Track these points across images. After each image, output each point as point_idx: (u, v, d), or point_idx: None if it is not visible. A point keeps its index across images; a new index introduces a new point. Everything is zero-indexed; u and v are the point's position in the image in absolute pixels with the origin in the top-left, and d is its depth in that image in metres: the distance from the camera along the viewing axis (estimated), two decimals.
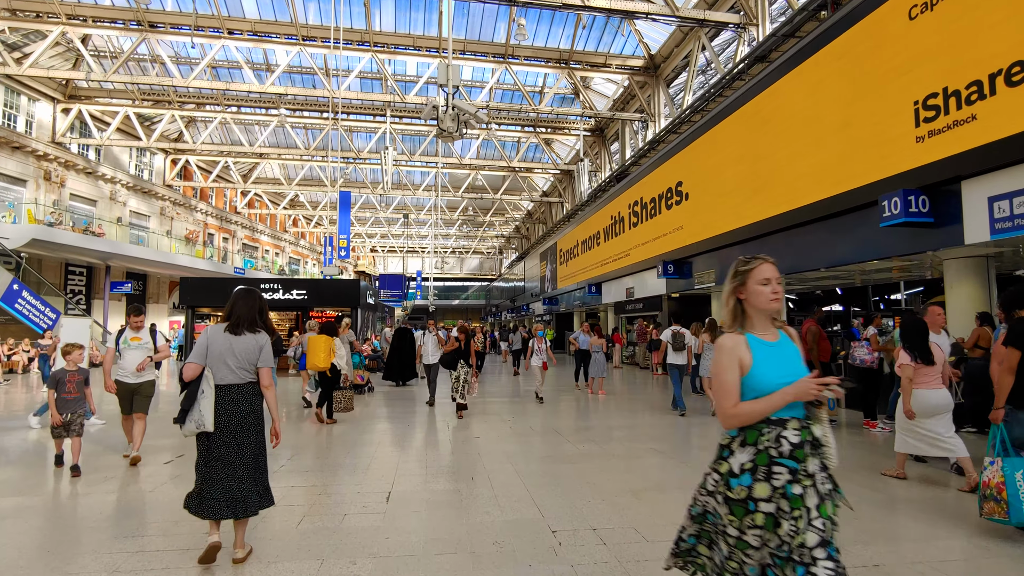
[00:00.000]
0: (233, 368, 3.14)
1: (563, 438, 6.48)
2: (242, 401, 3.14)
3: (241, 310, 3.26)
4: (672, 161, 13.50)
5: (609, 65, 20.52)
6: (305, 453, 5.73)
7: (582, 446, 6.01)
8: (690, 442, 6.47)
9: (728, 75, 14.71)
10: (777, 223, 9.27)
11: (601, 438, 6.47)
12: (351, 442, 6.26)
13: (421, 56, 19.24)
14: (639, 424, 7.45)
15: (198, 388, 3.07)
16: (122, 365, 5.40)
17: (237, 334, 3.18)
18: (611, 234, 17.76)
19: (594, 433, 6.79)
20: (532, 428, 7.14)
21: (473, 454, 5.61)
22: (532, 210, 41.46)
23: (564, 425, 7.35)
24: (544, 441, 6.33)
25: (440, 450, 5.86)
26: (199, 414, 3.04)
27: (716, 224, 11.31)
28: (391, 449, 5.93)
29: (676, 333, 8.74)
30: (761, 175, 9.71)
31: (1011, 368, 3.57)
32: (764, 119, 9.66)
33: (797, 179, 8.71)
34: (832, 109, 7.90)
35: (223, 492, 3.04)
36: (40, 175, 21.17)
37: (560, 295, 25.30)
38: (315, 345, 7.34)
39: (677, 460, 5.48)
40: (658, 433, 6.82)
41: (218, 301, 14.16)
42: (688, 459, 5.54)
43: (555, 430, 6.98)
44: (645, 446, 6.02)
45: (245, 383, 3.17)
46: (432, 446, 6.09)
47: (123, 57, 16.86)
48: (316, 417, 7.56)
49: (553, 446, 6.05)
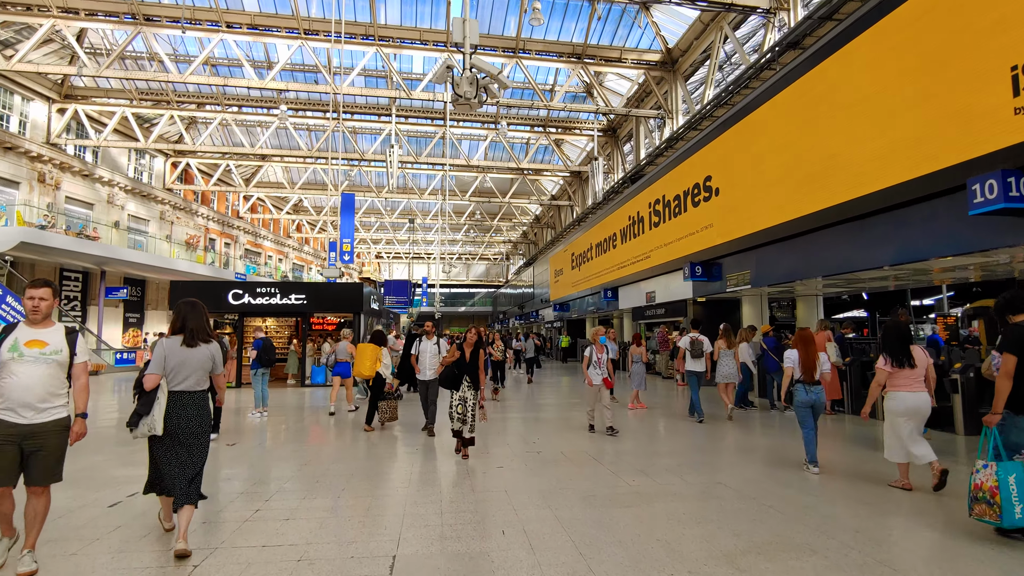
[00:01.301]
0: (189, 376, 3.48)
1: (604, 467, 5.44)
2: (196, 406, 3.50)
3: (193, 323, 3.56)
4: (699, 155, 12.51)
5: (624, 60, 19.62)
6: (290, 488, 4.72)
7: (632, 480, 4.95)
8: (765, 475, 5.19)
9: (756, 64, 13.76)
10: (829, 216, 8.24)
11: (650, 467, 5.43)
12: (348, 472, 5.26)
13: (428, 50, 18.41)
14: (686, 448, 6.39)
15: (154, 396, 3.35)
16: (4, 391, 2.98)
17: (193, 346, 3.50)
18: (629, 235, 16.75)
19: (639, 460, 5.73)
20: (563, 454, 6.09)
21: (499, 492, 4.57)
22: (540, 215, 40.56)
23: (599, 448, 6.32)
24: (583, 472, 5.24)
25: (458, 487, 4.78)
26: (152, 419, 3.30)
27: (753, 221, 10.29)
28: (398, 485, 4.90)
29: (695, 340, 8.71)
30: (809, 164, 8.71)
31: (1008, 373, 3.58)
32: (812, 102, 8.66)
33: (856, 166, 7.69)
34: (903, 83, 6.90)
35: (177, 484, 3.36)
36: (34, 177, 20.44)
37: (572, 301, 24.27)
38: (363, 353, 7.79)
39: (762, 504, 4.24)
40: (715, 460, 5.76)
41: (212, 306, 13.23)
42: (777, 503, 4.26)
43: (592, 456, 5.92)
44: (710, 479, 4.95)
45: (199, 390, 3.53)
46: (448, 480, 5.04)
47: (117, 50, 16.11)
48: (381, 423, 8.01)
49: (596, 480, 4.98)
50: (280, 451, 6.26)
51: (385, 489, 4.74)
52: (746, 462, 5.69)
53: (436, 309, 40.46)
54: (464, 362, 5.93)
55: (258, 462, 5.70)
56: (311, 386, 13.71)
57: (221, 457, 5.90)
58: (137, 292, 25.23)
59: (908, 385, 4.57)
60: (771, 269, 10.11)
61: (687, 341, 8.75)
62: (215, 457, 5.84)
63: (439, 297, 41.71)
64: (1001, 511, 3.33)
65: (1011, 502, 3.34)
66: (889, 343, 4.70)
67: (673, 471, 5.23)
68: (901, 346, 4.63)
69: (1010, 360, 3.59)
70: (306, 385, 13.83)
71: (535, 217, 41.67)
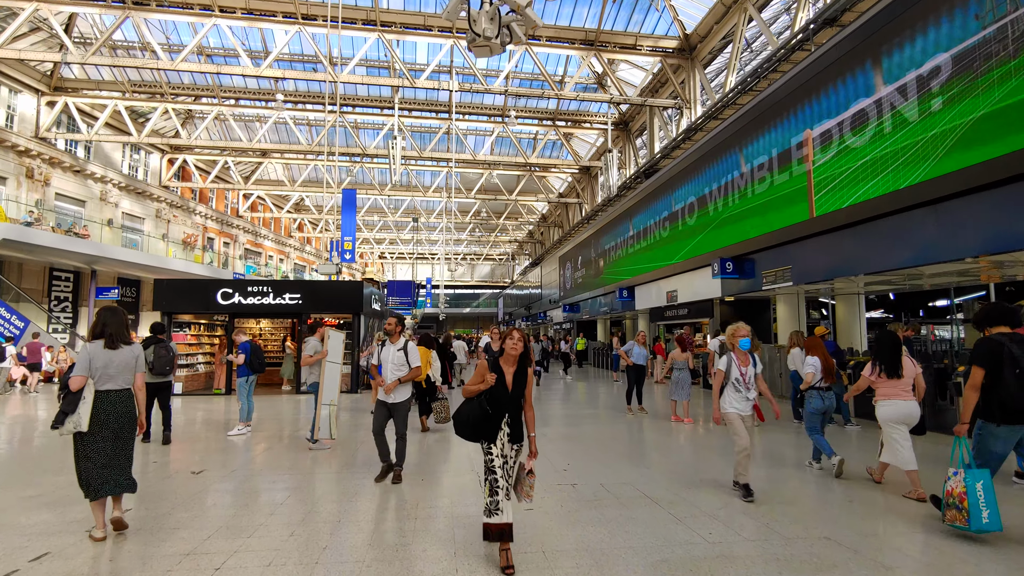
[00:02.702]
0: (115, 376, 3.77)
1: (662, 508, 4.25)
2: (121, 403, 3.79)
3: (113, 328, 3.85)
4: (728, 142, 11.47)
5: (640, 47, 18.58)
6: (251, 560, 3.66)
7: (705, 529, 3.77)
8: (875, 522, 4.10)
9: (787, 44, 12.71)
10: (904, 198, 7.20)
11: (721, 510, 4.19)
12: (334, 518, 4.19)
13: (433, 36, 17.42)
14: (756, 475, 5.30)
15: (79, 396, 3.65)
16: None
17: (115, 348, 3.81)
18: (649, 232, 15.70)
19: (702, 498, 4.49)
20: (605, 487, 4.83)
21: (535, 554, 3.40)
22: (547, 213, 39.52)
23: (647, 479, 5.18)
24: (637, 518, 4.03)
25: (488, 547, 3.44)
26: (78, 417, 3.60)
27: (796, 212, 9.25)
28: (411, 536, 3.84)
29: (723, 343, 8.53)
30: (877, 145, 7.66)
31: (975, 386, 3.71)
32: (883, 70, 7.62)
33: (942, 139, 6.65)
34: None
35: (105, 479, 3.65)
36: (22, 172, 19.56)
37: (584, 301, 23.21)
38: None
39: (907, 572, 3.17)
40: (801, 498, 4.69)
41: (199, 307, 12.25)
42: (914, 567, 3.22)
43: (643, 492, 4.69)
44: (815, 533, 3.72)
45: (124, 389, 3.83)
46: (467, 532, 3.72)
47: (104, 35, 15.19)
48: (422, 424, 8.00)
49: (660, 529, 3.80)
50: (256, 484, 5.09)
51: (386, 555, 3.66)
52: (849, 499, 4.62)
53: (440, 310, 39.49)
54: (504, 391, 3.36)
55: (222, 502, 4.47)
56: (306, 393, 12.69)
57: (179, 491, 4.70)
58: (132, 293, 24.32)
59: (897, 394, 4.69)
60: (816, 264, 9.05)
61: (717, 344, 8.66)
62: (169, 492, 4.69)
63: (443, 298, 40.73)
64: (969, 516, 3.52)
65: (978, 507, 3.51)
66: (880, 352, 4.83)
67: (750, 513, 4.12)
68: (892, 357, 4.73)
69: (978, 373, 3.69)
70: (302, 392, 12.82)
71: (542, 216, 40.64)
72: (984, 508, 3.49)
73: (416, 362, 5.23)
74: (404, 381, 5.17)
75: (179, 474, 5.32)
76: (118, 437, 3.71)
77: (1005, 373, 3.60)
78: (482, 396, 3.35)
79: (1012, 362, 3.60)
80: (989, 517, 3.48)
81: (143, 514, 4.13)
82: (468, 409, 3.38)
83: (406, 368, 5.20)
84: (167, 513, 4.14)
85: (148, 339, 6.93)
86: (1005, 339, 3.70)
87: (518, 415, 3.39)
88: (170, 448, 6.61)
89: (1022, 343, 3.68)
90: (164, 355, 6.82)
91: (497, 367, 3.40)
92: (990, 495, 3.51)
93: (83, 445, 3.64)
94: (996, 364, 3.63)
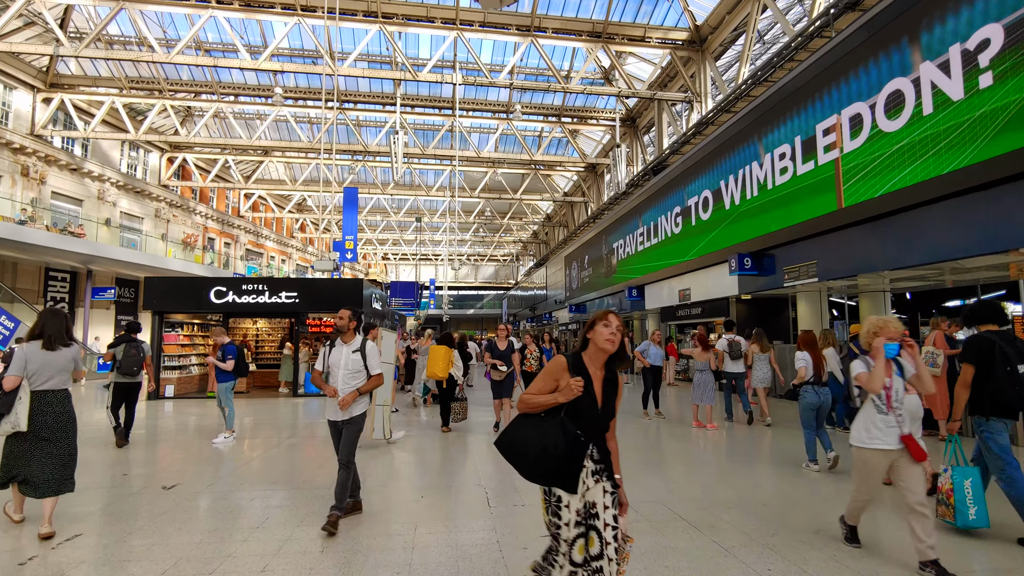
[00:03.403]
0: (52, 377, 3.81)
1: (702, 534, 3.62)
2: (60, 403, 3.84)
3: (52, 329, 3.88)
4: (746, 131, 10.87)
5: (649, 39, 18.03)
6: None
7: (762, 563, 3.15)
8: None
9: (805, 32, 12.13)
10: (949, 184, 6.60)
11: (773, 536, 3.56)
12: (316, 548, 3.58)
13: (436, 28, 16.91)
14: (807, 495, 4.73)
15: (15, 396, 3.66)
16: None
17: (53, 349, 3.84)
18: (660, 229, 15.11)
19: (746, 521, 3.84)
20: (634, 507, 4.14)
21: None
22: (552, 213, 38.96)
23: (678, 496, 4.56)
24: (676, 546, 3.39)
25: None
26: (15, 416, 3.64)
27: (821, 202, 8.66)
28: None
29: (732, 342, 8.54)
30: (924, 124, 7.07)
31: (965, 383, 3.76)
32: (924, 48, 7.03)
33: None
34: None
35: (40, 477, 3.66)
36: (16, 170, 19.16)
37: (591, 301, 22.62)
38: (435, 355, 7.63)
39: None
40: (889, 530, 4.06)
41: (192, 306, 11.73)
42: None
43: (676, 513, 4.04)
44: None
45: (61, 389, 3.88)
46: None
47: (99, 26, 14.74)
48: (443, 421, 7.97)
49: (706, 562, 3.17)
50: (233, 502, 4.48)
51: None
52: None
53: (444, 312, 38.97)
54: (592, 406, 2.22)
55: (190, 526, 3.82)
56: (305, 396, 12.18)
57: (142, 511, 4.11)
58: (130, 293, 23.87)
59: None
60: (845, 258, 8.44)
61: (725, 343, 8.57)
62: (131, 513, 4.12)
63: (447, 299, 40.22)
64: (955, 512, 3.60)
65: (965, 504, 3.57)
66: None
67: (809, 541, 3.48)
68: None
69: (968, 370, 3.75)
70: (299, 395, 12.30)
71: (546, 216, 40.10)
72: (972, 505, 3.53)
73: (377, 368, 4.04)
74: (363, 392, 3.96)
75: (147, 489, 4.76)
76: (52, 438, 3.74)
77: (997, 371, 3.64)
78: (560, 414, 2.12)
79: (1004, 359, 3.64)
80: (976, 514, 3.53)
81: (91, 541, 3.56)
82: (535, 435, 2.10)
83: (363, 376, 3.98)
84: (121, 540, 3.58)
85: (120, 338, 6.43)
86: (996, 337, 3.74)
87: (604, 445, 2.24)
88: (147, 458, 6.07)
89: (1013, 341, 3.74)
90: (133, 355, 6.31)
91: (580, 368, 2.21)
92: (978, 492, 3.56)
93: (16, 444, 3.69)
94: (987, 362, 3.68)
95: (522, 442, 2.12)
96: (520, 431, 2.16)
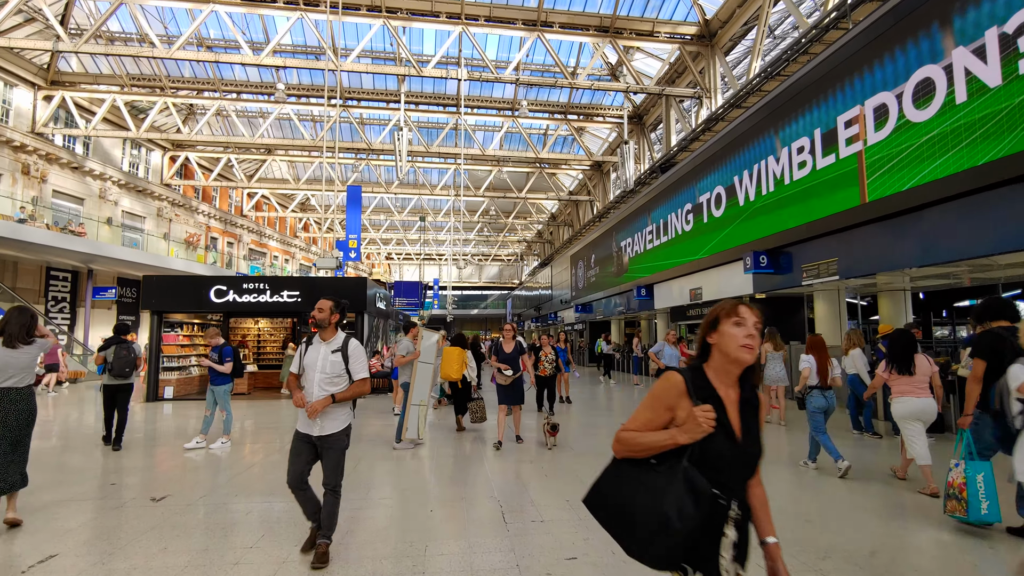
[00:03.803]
0: (13, 376, 3.80)
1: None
2: (22, 401, 3.85)
3: (13, 328, 3.86)
4: (761, 125, 10.52)
5: (657, 33, 17.68)
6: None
7: None
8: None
9: (820, 24, 11.78)
10: (985, 176, 6.25)
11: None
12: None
13: (441, 23, 16.62)
14: (846, 505, 4.38)
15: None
16: None
17: (14, 348, 3.82)
18: (669, 227, 14.76)
19: (836, 568, 3.17)
20: None
21: None
22: (557, 212, 38.62)
23: None
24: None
25: None
26: None
27: (843, 197, 8.31)
28: None
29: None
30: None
31: (977, 378, 3.79)
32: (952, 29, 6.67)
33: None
34: None
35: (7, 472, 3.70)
36: (17, 168, 18.98)
37: (597, 301, 22.28)
38: (449, 357, 7.47)
39: None
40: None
41: (192, 305, 11.46)
42: None
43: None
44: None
45: (24, 386, 3.90)
46: None
47: (99, 20, 14.51)
48: (458, 424, 7.99)
49: None
50: (226, 516, 4.10)
51: None
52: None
53: (448, 312, 38.69)
54: (732, 445, 1.52)
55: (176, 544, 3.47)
56: None
57: (126, 527, 3.78)
58: (131, 293, 23.68)
59: (912, 391, 4.74)
60: (869, 255, 8.09)
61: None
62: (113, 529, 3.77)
63: (451, 299, 39.92)
64: (968, 506, 3.57)
65: (978, 499, 3.54)
66: (892, 350, 4.91)
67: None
68: (904, 354, 4.82)
69: (980, 365, 3.77)
70: None
71: (551, 215, 39.76)
72: (984, 499, 3.51)
73: (363, 372, 3.31)
74: (340, 400, 3.21)
75: (135, 501, 4.45)
76: (16, 436, 3.78)
77: (1007, 365, 3.55)
78: (683, 460, 1.46)
79: (1014, 355, 3.54)
80: (988, 508, 3.50)
81: (66, 564, 3.23)
82: (647, 498, 1.45)
83: (345, 380, 3.26)
84: (99, 562, 3.25)
85: (109, 340, 6.16)
86: (1007, 332, 3.75)
87: (745, 499, 1.59)
88: (139, 465, 5.78)
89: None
90: (124, 356, 6.03)
91: (704, 389, 1.55)
92: (990, 487, 3.52)
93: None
94: (998, 357, 3.65)
95: (629, 507, 1.46)
96: (623, 489, 1.49)
